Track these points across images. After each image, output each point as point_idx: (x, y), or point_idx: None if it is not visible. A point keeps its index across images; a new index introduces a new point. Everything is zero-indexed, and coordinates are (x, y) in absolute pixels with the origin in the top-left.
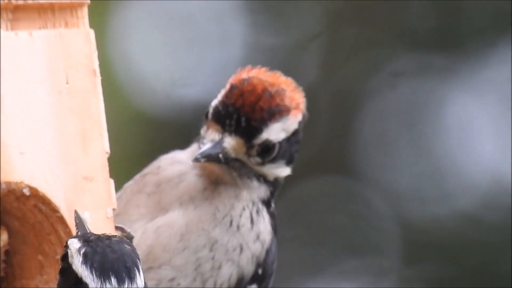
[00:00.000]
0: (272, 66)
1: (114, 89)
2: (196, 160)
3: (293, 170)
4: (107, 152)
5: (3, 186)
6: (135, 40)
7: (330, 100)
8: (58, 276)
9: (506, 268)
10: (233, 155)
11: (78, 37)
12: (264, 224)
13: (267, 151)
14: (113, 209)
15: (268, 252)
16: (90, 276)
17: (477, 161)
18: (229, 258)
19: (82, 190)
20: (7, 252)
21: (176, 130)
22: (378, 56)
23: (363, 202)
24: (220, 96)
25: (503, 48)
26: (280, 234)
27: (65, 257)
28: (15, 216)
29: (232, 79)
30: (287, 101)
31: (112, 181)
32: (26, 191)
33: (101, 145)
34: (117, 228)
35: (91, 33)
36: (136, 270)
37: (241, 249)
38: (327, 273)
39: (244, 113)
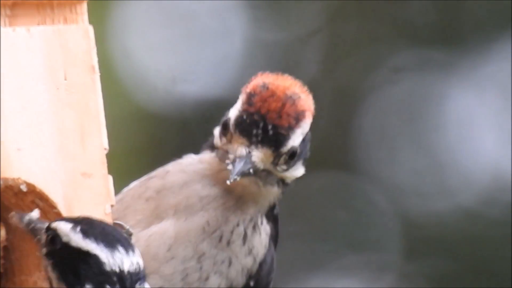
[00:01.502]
0: (273, 61)
1: (114, 85)
2: (233, 180)
3: None
4: (105, 148)
5: (1, 182)
6: (135, 36)
7: (331, 96)
8: (46, 262)
9: (506, 263)
10: (261, 166)
11: (77, 33)
12: (260, 239)
13: (292, 158)
14: (111, 206)
15: (261, 264)
16: (98, 247)
17: (477, 157)
18: (216, 270)
19: (80, 186)
20: (6, 249)
21: (176, 126)
22: (379, 51)
23: (364, 198)
24: (240, 106)
25: (504, 43)
26: (281, 230)
27: (53, 240)
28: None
29: (248, 87)
30: (304, 106)
31: (110, 177)
32: (24, 187)
33: (100, 141)
34: (115, 224)
35: (90, 29)
36: (129, 242)
37: (230, 263)
38: (328, 268)
39: (270, 120)
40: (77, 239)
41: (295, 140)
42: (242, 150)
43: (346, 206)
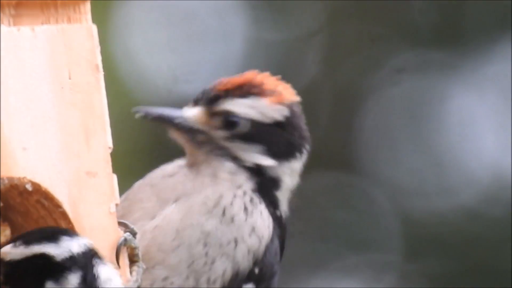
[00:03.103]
0: (273, 61)
1: (116, 85)
2: (141, 113)
3: None
4: (110, 147)
5: (6, 181)
6: (137, 36)
7: (332, 96)
8: None
9: (507, 262)
10: (193, 123)
11: (81, 33)
12: (262, 218)
13: (231, 124)
14: (116, 205)
15: (267, 248)
16: (42, 246)
17: (478, 156)
18: (223, 253)
19: (85, 186)
20: None
21: None
22: (380, 52)
23: (365, 198)
24: None
25: (505, 44)
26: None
27: (4, 265)
28: (18, 212)
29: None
30: (267, 87)
31: (115, 176)
32: (29, 187)
33: (104, 140)
34: (120, 223)
35: (94, 28)
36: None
37: (236, 243)
38: (329, 268)
39: (216, 87)
40: (20, 251)
41: (235, 106)
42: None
43: (347, 206)
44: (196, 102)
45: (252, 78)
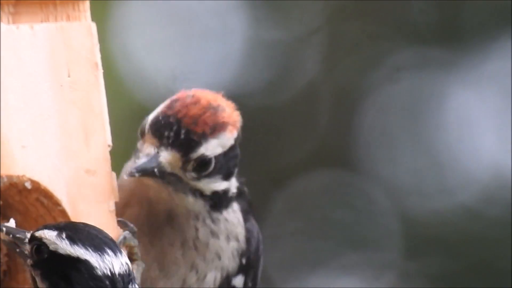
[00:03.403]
0: (273, 61)
1: (115, 83)
2: (130, 174)
3: (295, 164)
4: (109, 145)
5: (5, 179)
6: (136, 34)
7: (332, 95)
8: (33, 273)
9: (506, 262)
10: (168, 169)
11: (80, 31)
12: (230, 222)
13: (202, 166)
14: (115, 203)
15: (248, 239)
16: (87, 252)
17: (477, 156)
18: (212, 268)
19: (84, 184)
20: None
21: None
22: (379, 50)
23: (364, 197)
24: (160, 108)
25: (504, 42)
26: (281, 228)
27: (40, 250)
28: (18, 210)
29: (174, 96)
30: (227, 119)
31: (114, 174)
32: (28, 185)
33: (103, 138)
34: (119, 222)
35: (93, 26)
36: (114, 244)
37: (219, 257)
38: (328, 267)
39: (185, 125)
40: (65, 246)
41: (208, 149)
42: (151, 149)
43: (346, 205)
44: (167, 144)
45: (211, 106)
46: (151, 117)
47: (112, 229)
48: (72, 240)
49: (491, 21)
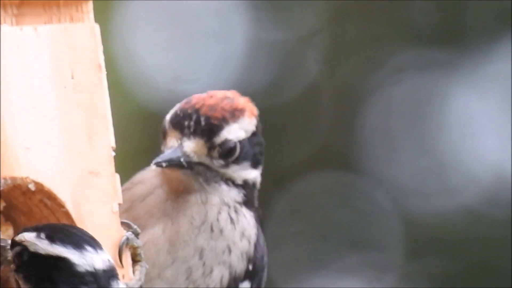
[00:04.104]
0: (275, 61)
1: (117, 85)
2: (158, 164)
3: (296, 165)
4: (112, 147)
5: (9, 181)
6: (138, 35)
7: (333, 96)
8: (17, 277)
9: (508, 263)
10: (195, 158)
11: (84, 32)
12: (247, 221)
13: (228, 152)
14: (119, 204)
15: (256, 246)
16: (66, 250)
17: (479, 156)
18: (220, 261)
19: (88, 185)
20: None
21: None
22: (381, 51)
23: (366, 198)
24: (176, 106)
25: (506, 43)
26: (283, 229)
27: (21, 253)
28: (21, 211)
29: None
30: (244, 105)
31: (118, 176)
32: (32, 186)
33: (107, 139)
34: (122, 223)
35: (96, 27)
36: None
37: (230, 250)
38: (330, 268)
39: (204, 113)
40: (44, 246)
41: (231, 132)
42: (174, 142)
43: (348, 206)
44: (189, 135)
45: (227, 97)
46: (169, 115)
47: (116, 230)
48: (51, 239)
49: (493, 22)
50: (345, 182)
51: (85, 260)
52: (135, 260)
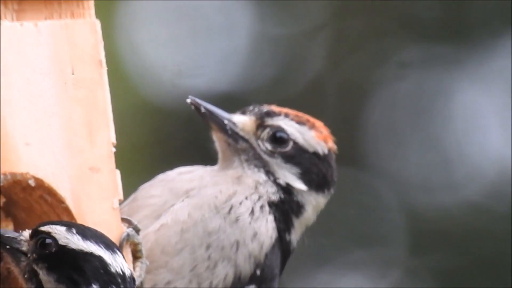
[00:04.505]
0: (279, 57)
1: (120, 80)
2: (195, 104)
3: None
4: (113, 143)
5: (9, 177)
6: (141, 31)
7: (337, 91)
8: (36, 267)
9: (511, 257)
10: (240, 132)
11: (84, 28)
12: (265, 226)
13: (278, 139)
14: (119, 200)
15: (268, 255)
16: (100, 249)
17: (483, 151)
18: (225, 256)
19: (88, 181)
20: None
21: (182, 120)
22: (385, 46)
23: (371, 193)
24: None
25: (509, 39)
26: None
27: (48, 244)
28: (22, 207)
29: None
30: (316, 125)
31: (118, 172)
32: (32, 182)
33: (107, 135)
34: (123, 220)
35: (97, 23)
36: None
37: (237, 246)
38: (334, 263)
39: (270, 106)
40: (76, 241)
41: (288, 125)
42: (230, 115)
43: (353, 201)
44: (244, 112)
45: (313, 119)
46: None
47: (116, 227)
48: (84, 236)
49: (497, 17)
50: (349, 177)
51: (116, 262)
52: (135, 257)
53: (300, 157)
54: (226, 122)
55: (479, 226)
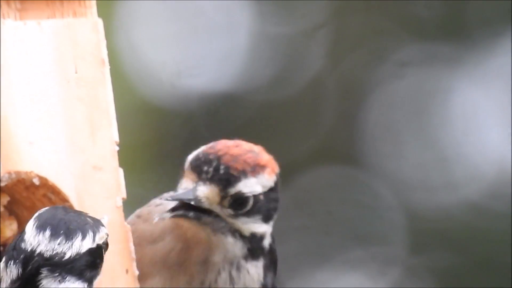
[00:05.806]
0: (278, 55)
1: (120, 79)
2: (166, 199)
3: (300, 160)
4: (116, 141)
5: (13, 175)
6: (140, 30)
7: (336, 90)
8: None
9: (510, 256)
10: (206, 204)
11: (87, 27)
12: (250, 276)
13: (239, 204)
14: (122, 198)
15: None
16: (30, 227)
17: (483, 151)
18: None
19: (91, 180)
20: None
21: (181, 120)
22: (384, 45)
23: (370, 192)
24: (200, 149)
25: (509, 38)
26: (287, 224)
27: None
28: (25, 206)
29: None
30: (266, 162)
31: (121, 170)
32: (36, 181)
33: (110, 134)
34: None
35: (100, 22)
36: (80, 234)
37: None
38: (334, 262)
39: (225, 162)
40: (28, 224)
41: (247, 186)
42: (189, 184)
43: (351, 200)
44: (202, 178)
45: (252, 151)
46: (191, 156)
47: (119, 225)
48: (34, 218)
49: (496, 16)
50: (348, 176)
51: (33, 239)
52: None
53: (260, 204)
54: (192, 203)
55: (479, 226)
